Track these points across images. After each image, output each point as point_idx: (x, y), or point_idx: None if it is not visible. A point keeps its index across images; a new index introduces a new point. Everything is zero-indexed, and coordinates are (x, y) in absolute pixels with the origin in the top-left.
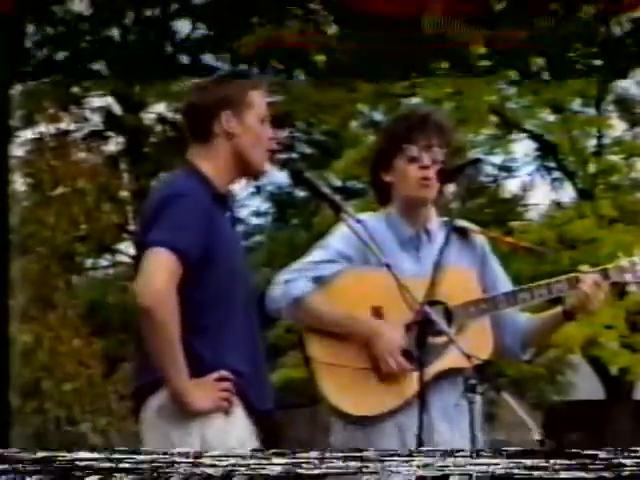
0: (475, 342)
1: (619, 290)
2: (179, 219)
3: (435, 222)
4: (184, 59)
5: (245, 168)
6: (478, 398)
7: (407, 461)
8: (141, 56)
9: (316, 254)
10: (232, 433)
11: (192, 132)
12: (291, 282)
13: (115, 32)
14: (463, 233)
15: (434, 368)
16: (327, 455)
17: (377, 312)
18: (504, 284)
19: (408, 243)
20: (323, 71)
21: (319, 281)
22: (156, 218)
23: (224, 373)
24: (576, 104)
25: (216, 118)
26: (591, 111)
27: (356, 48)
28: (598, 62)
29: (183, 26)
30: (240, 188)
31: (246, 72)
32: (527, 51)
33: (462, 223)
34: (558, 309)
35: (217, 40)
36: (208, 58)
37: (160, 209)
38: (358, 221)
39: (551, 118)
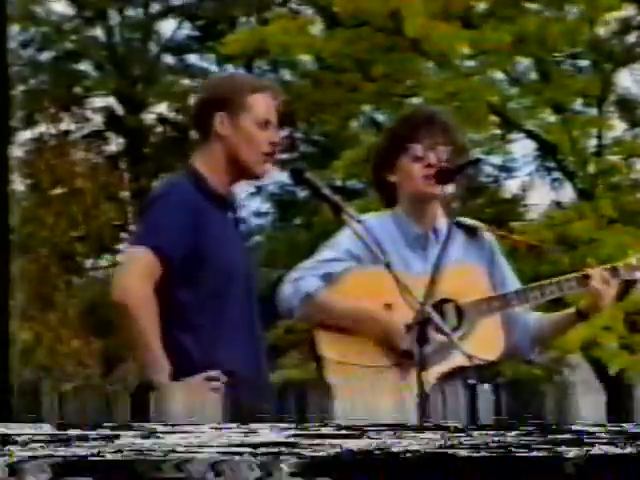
0: (486, 340)
1: (620, 291)
2: (161, 218)
3: (443, 221)
4: (168, 59)
5: (240, 170)
6: (484, 397)
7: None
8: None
9: (325, 253)
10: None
11: (194, 131)
12: (301, 280)
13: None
14: (471, 231)
15: (442, 366)
16: None
17: (389, 309)
18: (513, 282)
19: (415, 242)
20: (308, 70)
21: (329, 278)
22: (141, 218)
23: (213, 373)
24: (577, 104)
25: (212, 119)
26: (592, 111)
27: (341, 48)
28: (584, 63)
29: (167, 26)
30: (241, 189)
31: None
32: (512, 51)
33: (470, 222)
34: (571, 309)
35: (201, 40)
36: (193, 58)
37: (146, 209)
38: (359, 221)
39: (552, 118)
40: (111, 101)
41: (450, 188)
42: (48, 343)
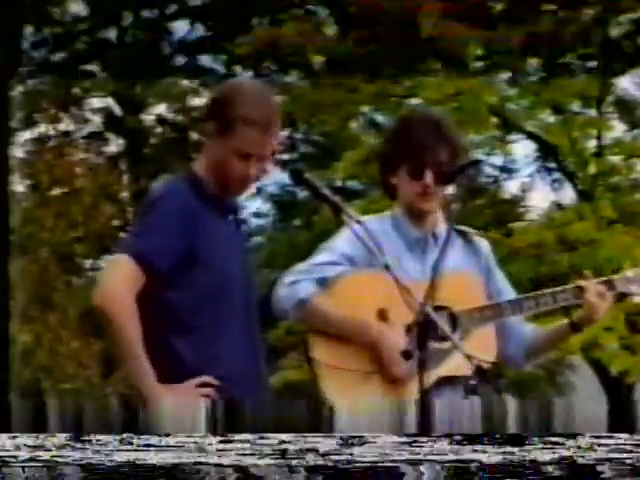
0: (479, 348)
1: (615, 301)
2: (151, 223)
3: (442, 226)
4: (181, 60)
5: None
6: (477, 399)
7: None
8: (138, 57)
9: (321, 256)
10: None
11: (199, 130)
12: (296, 284)
13: (112, 33)
14: (469, 239)
15: (436, 373)
16: None
17: (382, 314)
18: (508, 291)
19: (415, 245)
20: (321, 72)
21: (324, 283)
22: (135, 223)
23: (206, 379)
24: (576, 105)
25: (214, 121)
26: (591, 112)
27: (354, 48)
28: (595, 63)
29: (180, 27)
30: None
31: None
32: (524, 52)
33: (468, 229)
34: (564, 321)
35: (214, 41)
36: (205, 59)
37: (141, 214)
38: (358, 222)
39: (551, 119)
40: (110, 102)
41: (450, 189)
42: (48, 344)
